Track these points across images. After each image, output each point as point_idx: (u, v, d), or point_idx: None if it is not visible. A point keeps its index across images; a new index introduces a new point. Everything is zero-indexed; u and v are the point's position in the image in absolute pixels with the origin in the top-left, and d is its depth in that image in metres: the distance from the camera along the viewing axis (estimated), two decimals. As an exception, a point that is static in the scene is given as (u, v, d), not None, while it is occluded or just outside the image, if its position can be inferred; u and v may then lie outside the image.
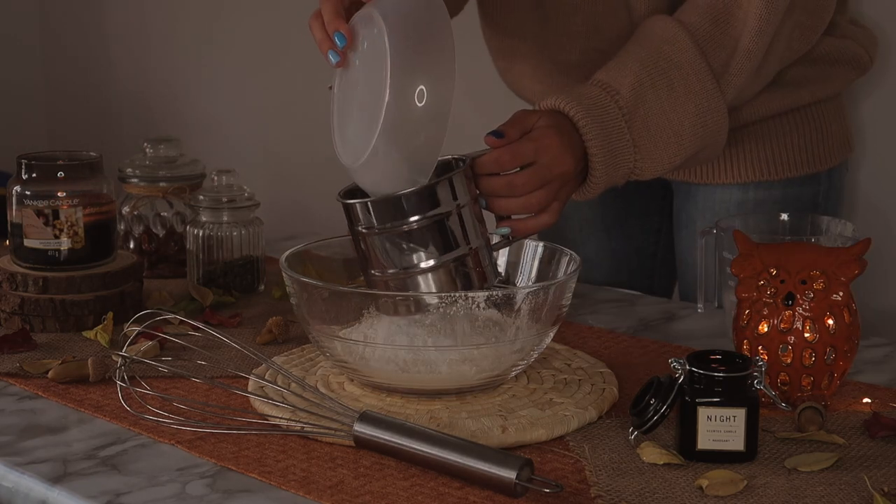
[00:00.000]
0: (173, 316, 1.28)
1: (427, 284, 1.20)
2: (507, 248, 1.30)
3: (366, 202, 1.19)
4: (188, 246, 1.58)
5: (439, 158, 1.22)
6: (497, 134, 1.25)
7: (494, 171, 1.24)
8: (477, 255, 1.22)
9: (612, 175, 1.33)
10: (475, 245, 1.21)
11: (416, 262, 1.19)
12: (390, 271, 1.20)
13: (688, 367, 1.08)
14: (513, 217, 1.26)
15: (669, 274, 1.77)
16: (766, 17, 1.38)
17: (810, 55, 1.55)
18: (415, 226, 1.18)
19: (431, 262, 1.19)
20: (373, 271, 1.22)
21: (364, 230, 1.20)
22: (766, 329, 1.18)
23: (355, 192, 1.23)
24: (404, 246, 1.19)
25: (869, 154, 1.84)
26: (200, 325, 1.21)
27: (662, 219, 1.74)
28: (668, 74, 1.36)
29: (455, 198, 1.20)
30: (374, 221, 1.19)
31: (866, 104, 1.82)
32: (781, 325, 1.17)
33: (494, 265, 1.25)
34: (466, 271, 1.21)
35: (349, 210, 1.21)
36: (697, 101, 1.37)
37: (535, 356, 1.21)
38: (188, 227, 1.58)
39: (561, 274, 1.26)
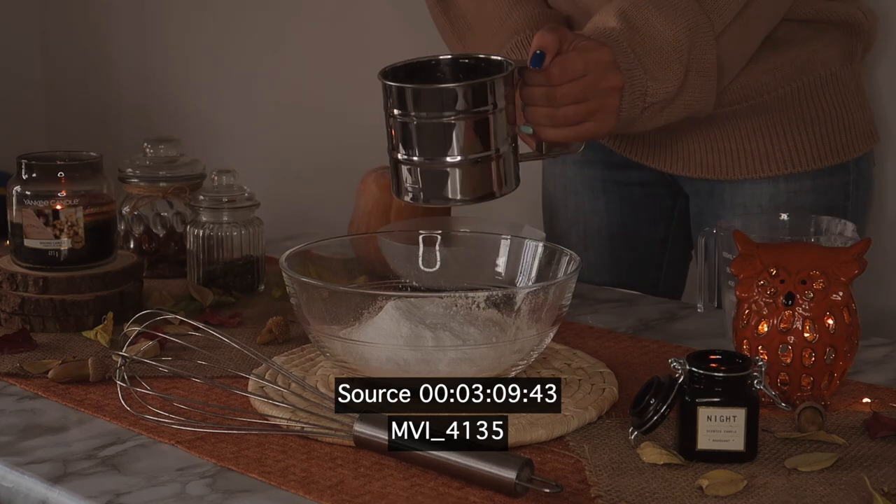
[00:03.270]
0: (173, 316, 1.28)
1: (450, 178, 1.22)
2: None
3: (405, 87, 1.20)
4: (188, 246, 1.58)
5: (491, 56, 1.24)
6: (537, 59, 1.24)
7: (542, 84, 1.25)
8: (501, 159, 1.23)
9: (629, 100, 1.30)
10: (503, 150, 1.23)
11: (442, 154, 1.21)
12: (415, 158, 1.22)
13: (688, 367, 1.08)
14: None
15: (673, 286, 1.74)
16: None
17: (798, 15, 1.51)
18: (450, 120, 1.19)
19: (458, 158, 1.21)
20: (398, 154, 1.23)
21: (398, 113, 1.21)
22: (766, 329, 1.18)
23: (397, 70, 1.24)
24: (434, 137, 1.21)
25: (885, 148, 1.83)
26: (200, 325, 1.21)
27: (668, 229, 1.70)
28: (650, 1, 1.34)
29: (495, 100, 1.21)
30: (411, 108, 1.20)
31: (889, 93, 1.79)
32: (781, 325, 1.17)
33: (516, 173, 1.27)
34: (488, 173, 1.23)
35: (388, 91, 1.22)
36: (687, 17, 1.34)
37: (535, 356, 1.21)
38: (188, 227, 1.58)
39: (561, 274, 1.25)
